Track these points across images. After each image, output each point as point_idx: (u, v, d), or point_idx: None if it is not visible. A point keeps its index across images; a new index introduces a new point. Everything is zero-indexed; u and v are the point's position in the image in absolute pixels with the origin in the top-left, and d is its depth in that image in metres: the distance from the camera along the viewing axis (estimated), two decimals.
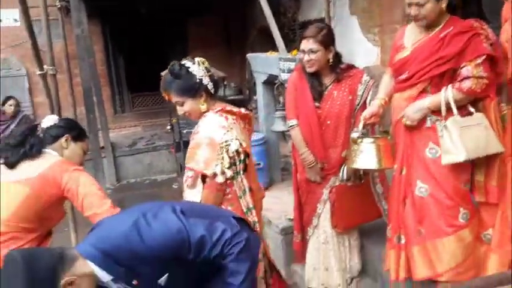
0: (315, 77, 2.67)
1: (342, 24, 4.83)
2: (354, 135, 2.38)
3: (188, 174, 2.11)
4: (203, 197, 2.07)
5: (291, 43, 4.61)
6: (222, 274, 1.57)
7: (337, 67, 2.67)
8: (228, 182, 2.07)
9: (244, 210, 2.14)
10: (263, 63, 4.25)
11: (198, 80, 2.09)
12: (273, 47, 4.23)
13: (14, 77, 7.04)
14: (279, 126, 4.12)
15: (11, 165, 2.00)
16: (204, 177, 2.06)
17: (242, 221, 1.70)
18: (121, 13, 6.97)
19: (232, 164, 2.05)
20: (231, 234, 1.54)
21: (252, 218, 2.17)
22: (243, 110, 2.23)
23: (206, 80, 2.12)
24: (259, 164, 4.02)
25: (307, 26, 2.71)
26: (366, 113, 2.38)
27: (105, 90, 7.56)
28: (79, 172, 2.03)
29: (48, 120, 2.19)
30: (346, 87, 2.67)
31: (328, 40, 2.59)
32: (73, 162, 2.11)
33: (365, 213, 2.77)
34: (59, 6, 6.15)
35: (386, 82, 2.46)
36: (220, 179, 2.03)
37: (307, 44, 2.57)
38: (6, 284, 1.34)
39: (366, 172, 2.67)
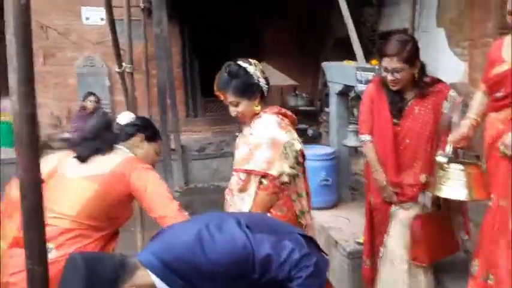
0: (395, 91, 2.46)
1: (427, 36, 4.52)
2: (441, 159, 2.15)
3: (241, 177, 2.11)
4: (258, 200, 2.04)
5: (370, 55, 4.39)
6: None
7: (421, 81, 2.44)
8: (283, 186, 2.05)
9: (298, 213, 2.13)
10: (339, 73, 4.08)
11: (255, 81, 2.10)
12: (349, 58, 4.05)
13: (96, 75, 7.38)
14: (352, 140, 3.93)
15: (83, 159, 1.97)
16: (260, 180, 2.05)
17: (309, 239, 1.59)
18: (199, 16, 7.10)
19: (296, 164, 2.05)
20: (299, 256, 1.43)
21: (305, 221, 2.16)
22: (290, 113, 2.24)
23: (262, 82, 2.13)
24: (327, 180, 3.85)
25: (388, 38, 2.48)
26: (455, 135, 2.15)
27: (179, 93, 7.72)
28: (148, 171, 1.96)
29: (124, 117, 2.15)
30: (429, 104, 2.44)
31: (413, 56, 2.36)
32: (144, 162, 2.05)
33: (446, 245, 2.51)
34: (142, 7, 6.41)
35: (479, 100, 2.20)
36: (285, 178, 2.02)
37: (390, 63, 2.35)
38: (64, 286, 1.31)
39: (448, 200, 2.41)
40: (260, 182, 2.05)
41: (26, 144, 0.95)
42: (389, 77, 2.38)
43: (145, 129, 2.13)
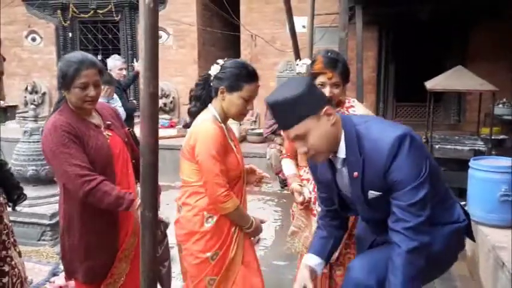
0: None
1: None
2: None
3: None
4: None
5: None
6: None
7: None
8: None
9: None
10: None
11: None
12: None
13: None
14: None
15: (192, 115, 2.18)
16: None
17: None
18: (400, 21, 6.98)
19: None
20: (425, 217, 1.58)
21: None
22: None
23: None
24: (507, 196, 3.40)
25: None
26: None
27: (370, 97, 7.74)
28: None
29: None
30: None
31: None
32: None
33: None
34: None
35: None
36: None
37: None
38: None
39: None
40: None
41: (148, 116, 1.27)
42: None
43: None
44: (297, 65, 3.00)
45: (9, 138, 6.80)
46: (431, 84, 5.69)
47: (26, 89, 9.00)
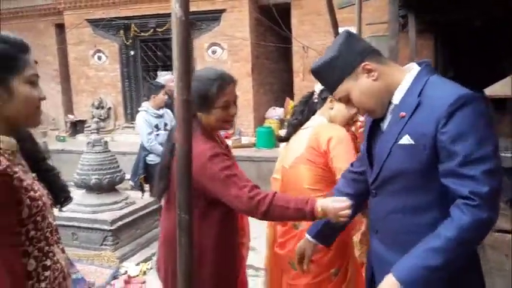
0: None
1: None
2: None
3: None
4: None
5: None
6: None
7: None
8: None
9: None
10: None
11: None
12: None
13: None
14: None
15: (293, 127, 2.33)
16: None
17: None
18: (455, 26, 6.79)
19: None
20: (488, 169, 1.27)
21: None
22: None
23: None
24: None
25: None
26: None
27: None
28: None
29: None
30: None
31: None
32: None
33: None
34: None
35: None
36: None
37: None
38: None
39: None
40: None
41: (182, 122, 1.36)
42: None
43: None
44: None
45: (78, 151, 7.30)
46: (490, 91, 5.46)
47: (93, 104, 9.61)
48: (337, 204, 1.64)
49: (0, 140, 1.26)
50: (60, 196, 1.51)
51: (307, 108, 2.31)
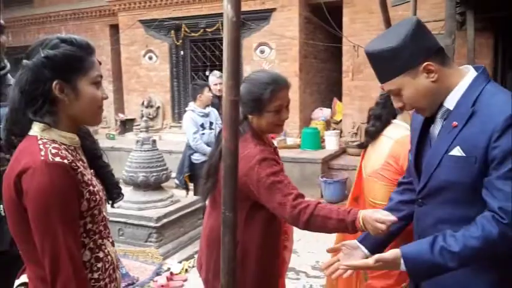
0: None
1: None
2: None
3: None
4: None
5: None
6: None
7: None
8: None
9: None
10: None
11: None
12: None
13: None
14: None
15: (370, 135, 2.18)
16: None
17: None
18: None
19: None
20: None
21: None
22: None
23: None
24: None
25: None
26: None
27: None
28: None
29: None
30: None
31: None
32: None
33: None
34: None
35: None
36: None
37: None
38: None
39: None
40: None
41: (229, 121, 1.33)
42: None
43: None
44: None
45: (127, 148, 7.50)
46: None
47: (143, 103, 9.86)
48: (377, 215, 1.57)
49: (66, 136, 1.36)
50: (113, 192, 1.57)
51: (386, 111, 2.08)
